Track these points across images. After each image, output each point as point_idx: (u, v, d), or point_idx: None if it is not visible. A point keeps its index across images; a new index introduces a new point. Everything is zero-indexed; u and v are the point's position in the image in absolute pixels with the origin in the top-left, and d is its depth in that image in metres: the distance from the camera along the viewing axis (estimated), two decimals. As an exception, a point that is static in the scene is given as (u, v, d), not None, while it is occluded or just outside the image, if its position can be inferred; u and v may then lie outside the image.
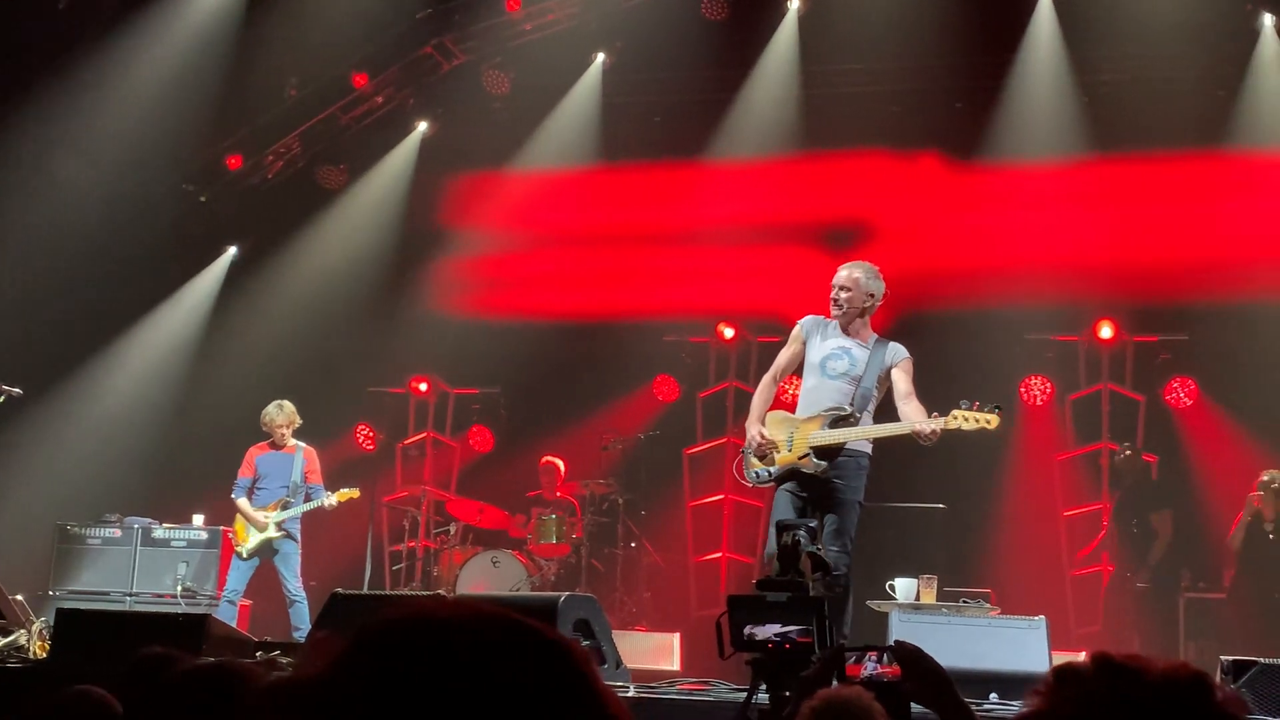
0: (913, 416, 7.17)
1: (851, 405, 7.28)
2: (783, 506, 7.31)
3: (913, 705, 3.43)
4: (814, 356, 7.44)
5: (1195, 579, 11.12)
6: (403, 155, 13.64)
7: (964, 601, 8.20)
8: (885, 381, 7.39)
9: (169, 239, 13.28)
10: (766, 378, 7.73)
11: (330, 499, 10.38)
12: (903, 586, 8.07)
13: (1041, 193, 12.21)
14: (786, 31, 12.64)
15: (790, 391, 8.51)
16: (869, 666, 3.75)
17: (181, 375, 13.26)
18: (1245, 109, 11.69)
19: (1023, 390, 12.23)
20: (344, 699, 1.11)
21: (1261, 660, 6.09)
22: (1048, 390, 12.22)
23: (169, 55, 12.28)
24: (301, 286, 13.27)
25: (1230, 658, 6.14)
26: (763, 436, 7.38)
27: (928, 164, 12.63)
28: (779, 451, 7.35)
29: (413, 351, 13.23)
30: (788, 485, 7.35)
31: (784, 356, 7.70)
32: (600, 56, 13.06)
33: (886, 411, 7.52)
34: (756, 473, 7.47)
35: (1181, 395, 11.94)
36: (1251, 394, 11.48)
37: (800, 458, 7.26)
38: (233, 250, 13.77)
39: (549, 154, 13.19)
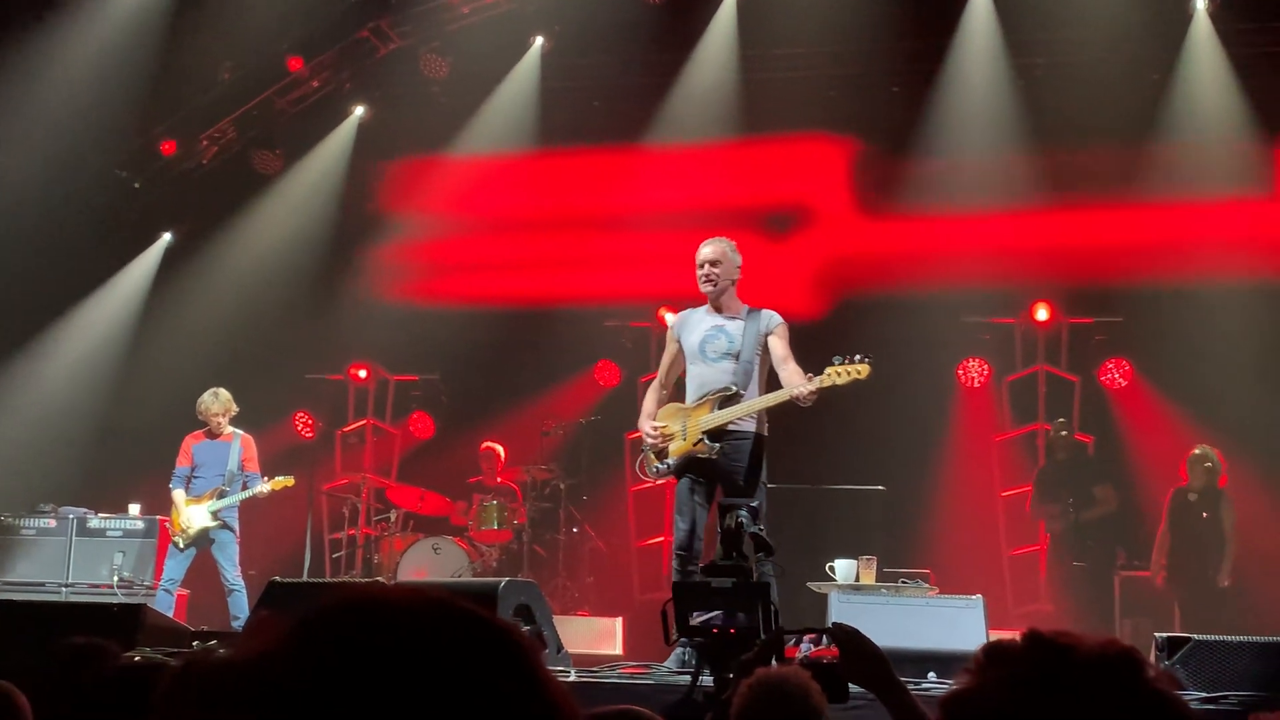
0: (792, 380, 7.18)
1: (736, 383, 7.31)
2: (685, 497, 7.35)
3: (851, 686, 3.46)
4: (690, 344, 7.50)
5: (1130, 557, 11.27)
6: (339, 140, 13.52)
7: (903, 582, 8.26)
8: (766, 351, 7.42)
9: (102, 226, 13.10)
10: (653, 384, 7.80)
11: (264, 487, 10.29)
12: (842, 568, 8.11)
13: (976, 176, 12.27)
14: (725, 15, 12.64)
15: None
16: (807, 648, 3.77)
17: (116, 363, 13.10)
18: (1178, 92, 11.83)
19: (960, 372, 12.33)
20: (284, 682, 1.09)
21: (1195, 636, 6.17)
22: (985, 372, 12.33)
23: (99, 39, 12.10)
24: (238, 273, 13.14)
25: (1164, 634, 6.21)
26: (653, 429, 7.45)
27: (865, 148, 12.67)
28: (675, 442, 7.38)
29: (351, 338, 13.14)
30: (688, 474, 7.38)
31: (665, 360, 7.77)
32: (539, 40, 12.99)
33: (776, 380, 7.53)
34: (657, 467, 7.50)
35: (1116, 376, 12.09)
36: (1185, 375, 11.63)
37: (695, 444, 7.29)
38: (167, 237, 13.61)
39: (488, 139, 13.12)
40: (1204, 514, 10.60)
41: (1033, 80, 12.12)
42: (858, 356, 7.07)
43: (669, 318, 7.80)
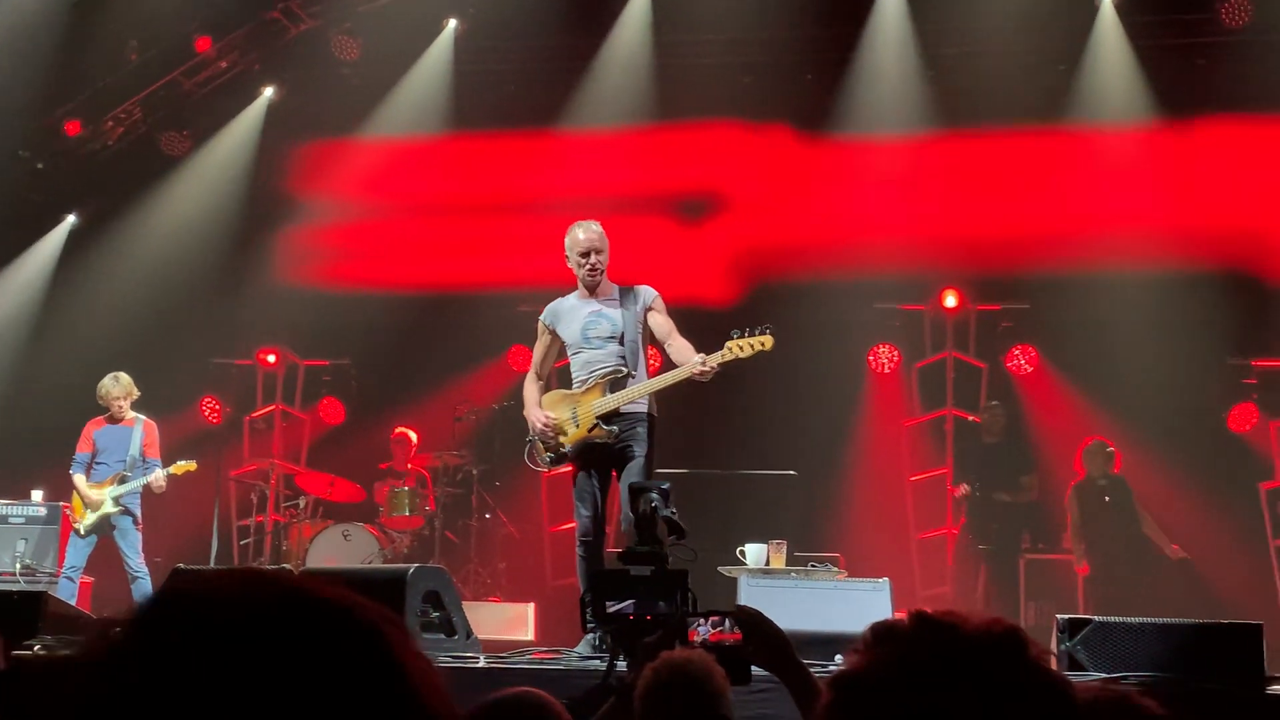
0: (684, 354, 7.11)
1: (625, 364, 7.28)
2: (584, 484, 7.31)
3: (754, 668, 3.48)
4: (571, 333, 7.40)
5: (1035, 541, 11.46)
6: (248, 121, 13.33)
7: (812, 565, 8.31)
8: (648, 327, 7.37)
9: (4, 208, 12.81)
10: (529, 375, 7.69)
11: (161, 473, 10.13)
12: (753, 552, 8.15)
13: (888, 164, 12.39)
14: (639, 1, 12.62)
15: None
16: (710, 631, 3.79)
17: (19, 347, 12.84)
18: (1084, 84, 12.01)
19: (871, 358, 12.46)
20: (113, 681, 1.06)
21: (1096, 618, 6.27)
22: (895, 358, 12.47)
23: (2, 18, 11.82)
24: (144, 256, 12.92)
25: (1066, 616, 6.31)
26: (547, 418, 7.35)
27: (778, 135, 12.73)
28: (566, 431, 7.31)
29: (260, 322, 12.97)
30: (585, 461, 7.31)
31: (538, 352, 7.66)
32: (452, 23, 12.90)
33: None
34: (549, 457, 7.42)
35: (1022, 362, 12.28)
36: (1088, 361, 11.87)
37: (590, 430, 7.23)
38: (71, 219, 13.34)
39: (400, 121, 13.01)
40: (1106, 498, 10.81)
41: (942, 69, 12.24)
42: (760, 328, 7.06)
43: (542, 315, 7.61)
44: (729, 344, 7.02)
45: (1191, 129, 12.00)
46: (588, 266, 7.36)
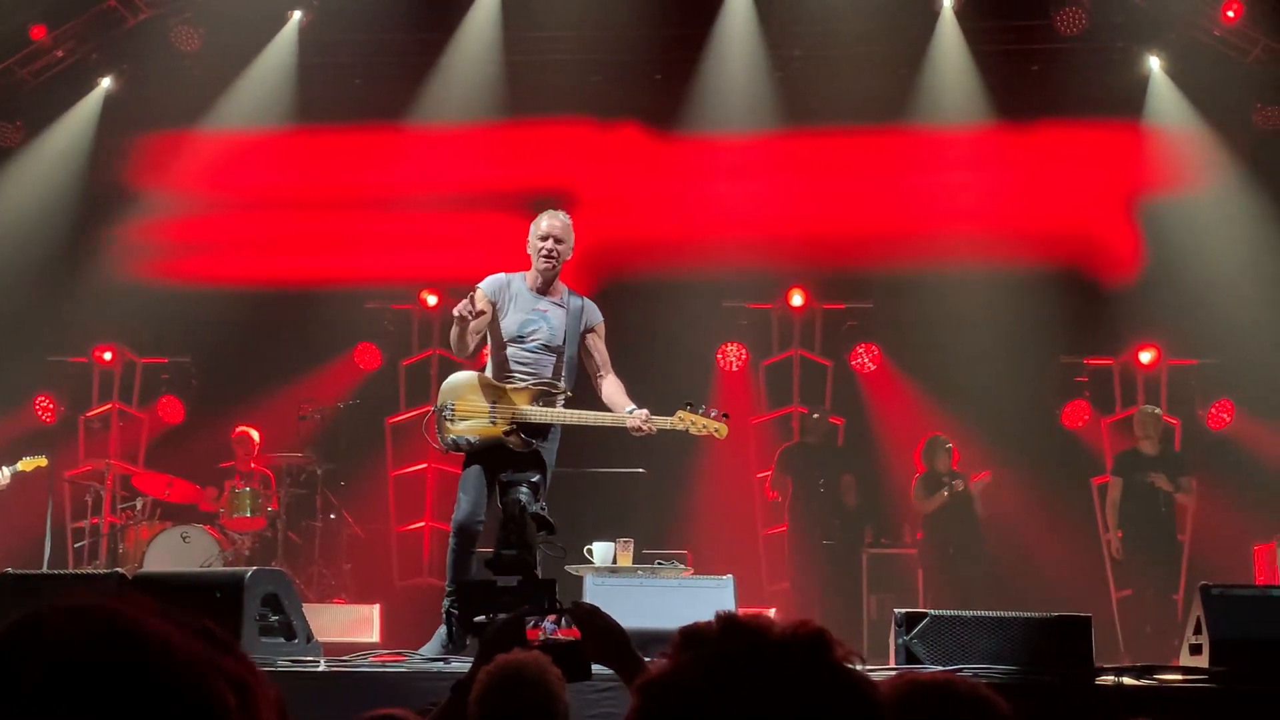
0: (615, 398, 7.14)
1: (559, 379, 7.21)
2: (475, 478, 7.18)
3: (595, 665, 3.48)
4: (510, 323, 7.22)
5: (877, 535, 11.67)
6: (85, 112, 12.91)
7: (659, 563, 8.36)
8: (584, 347, 7.36)
9: None
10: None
11: (4, 472, 9.81)
12: (600, 550, 8.17)
13: (736, 163, 12.52)
14: (488, -4, 12.56)
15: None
16: (547, 629, 3.78)
17: None
18: (925, 86, 12.27)
19: (719, 356, 12.56)
20: None
21: (932, 611, 6.40)
22: (742, 356, 12.59)
23: None
24: (-27, 250, 12.47)
25: (903, 610, 6.43)
26: (461, 401, 7.18)
27: (629, 133, 12.77)
28: (478, 420, 7.15)
29: (97, 319, 12.60)
30: (485, 458, 7.16)
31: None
32: (296, 15, 12.65)
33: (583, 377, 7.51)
34: (454, 439, 7.18)
35: (866, 360, 12.50)
36: (929, 359, 12.14)
37: (506, 433, 7.10)
38: (-103, 211, 12.81)
39: (243, 114, 12.71)
40: (945, 493, 11.06)
41: (789, 71, 12.39)
42: (716, 413, 7.07)
43: (484, 284, 7.25)
44: (680, 414, 7.03)
45: (1027, 132, 12.34)
46: (544, 251, 7.19)
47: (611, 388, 7.22)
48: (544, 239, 7.22)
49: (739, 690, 1.45)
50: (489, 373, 7.30)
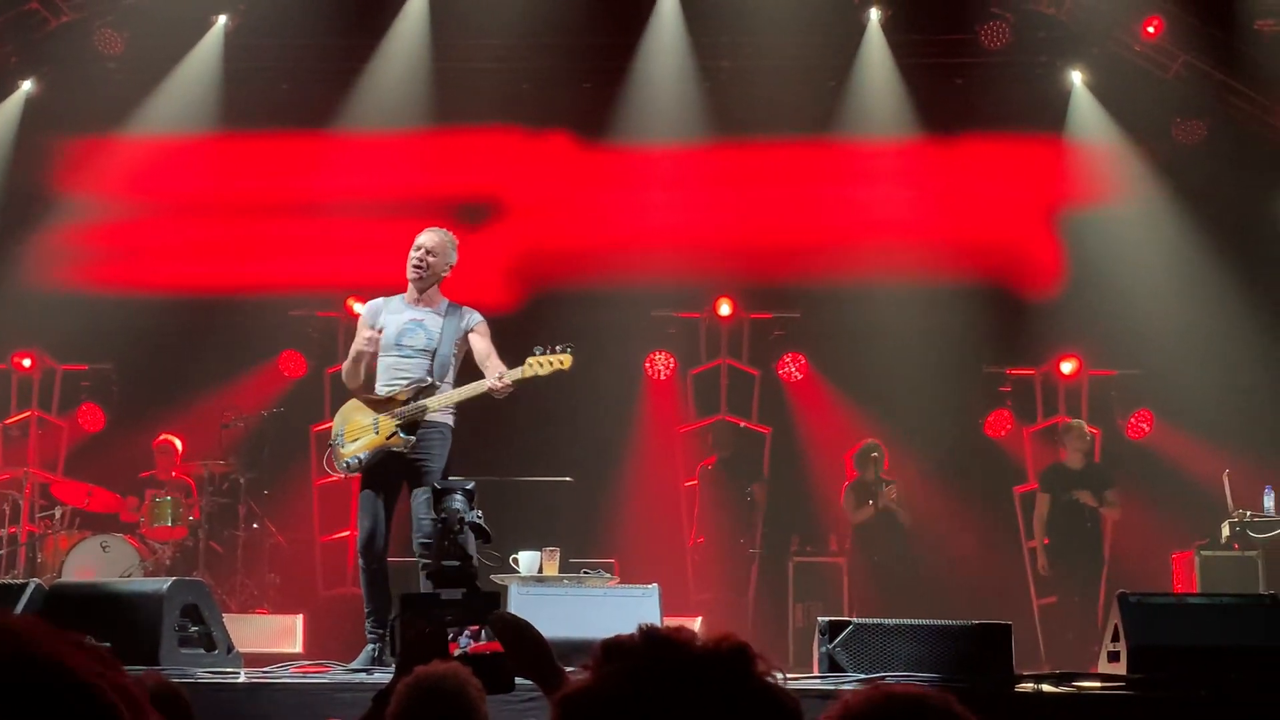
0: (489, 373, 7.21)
1: (431, 375, 7.26)
2: (370, 493, 7.25)
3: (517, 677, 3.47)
4: (388, 336, 7.37)
5: (804, 544, 11.74)
6: (5, 116, 12.68)
7: (585, 572, 8.36)
8: (463, 346, 7.39)
9: None
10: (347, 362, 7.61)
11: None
12: (526, 559, 8.16)
13: (665, 173, 12.55)
14: (417, 2, 12.49)
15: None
16: (468, 641, 3.76)
17: None
18: (852, 98, 12.37)
19: (647, 365, 12.59)
20: None
21: (855, 620, 6.45)
22: (670, 365, 12.62)
23: None
24: (-112, 255, 12.21)
25: (827, 618, 6.47)
26: (348, 424, 7.32)
27: (558, 142, 12.77)
28: (366, 436, 7.25)
29: (15, 325, 12.36)
30: (376, 469, 7.26)
31: (357, 345, 7.54)
32: (222, 19, 12.52)
33: (471, 374, 7.49)
34: (347, 462, 7.32)
35: (793, 370, 12.58)
36: (855, 369, 12.23)
37: (388, 437, 7.18)
38: None
39: (167, 119, 12.55)
40: (869, 501, 11.15)
41: (717, 81, 12.44)
42: (559, 346, 7.12)
43: (358, 307, 7.63)
44: (529, 360, 7.10)
45: (952, 145, 12.48)
46: (414, 260, 7.35)
47: (492, 368, 7.23)
48: (415, 249, 7.40)
49: (660, 704, 1.45)
50: (374, 384, 7.43)
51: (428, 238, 7.42)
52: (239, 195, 12.71)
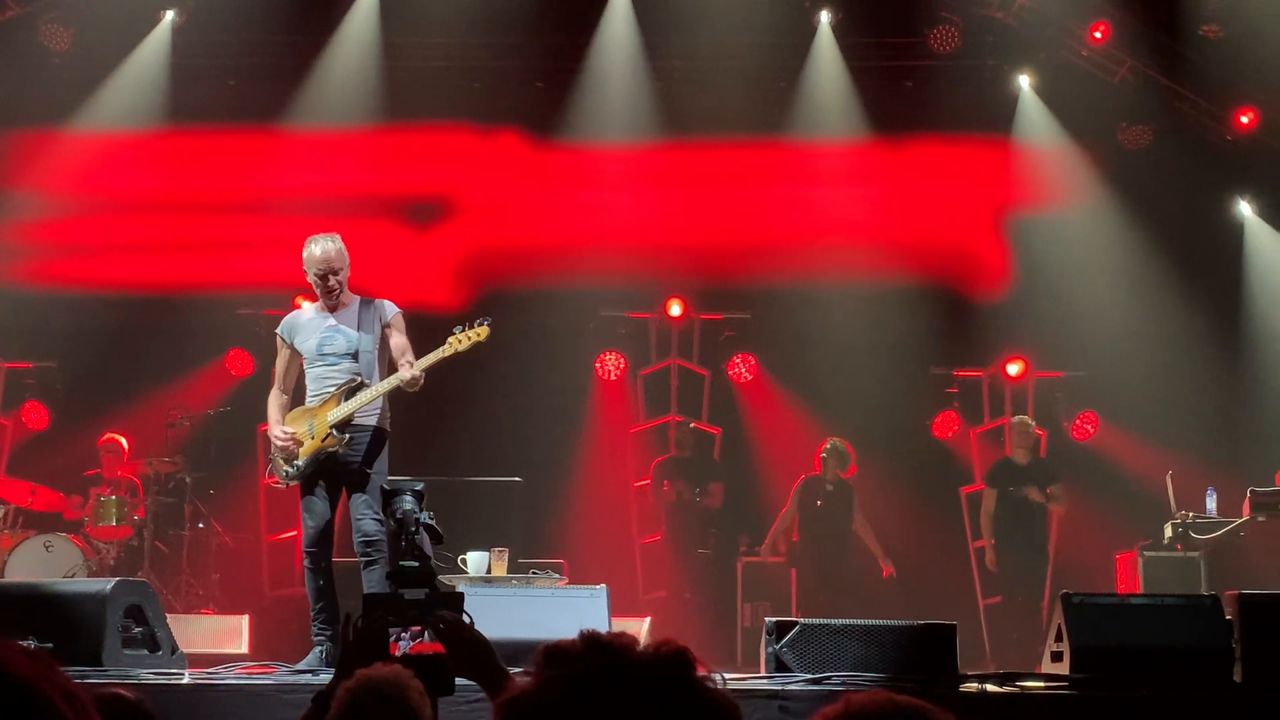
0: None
1: (360, 375, 7.24)
2: (314, 495, 7.25)
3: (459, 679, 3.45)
4: (307, 348, 7.34)
5: (753, 544, 11.77)
6: (-51, 111, 12.54)
7: (534, 573, 8.36)
8: (384, 339, 7.36)
9: None
10: (273, 391, 7.58)
11: None
12: (474, 560, 8.15)
13: (616, 173, 12.54)
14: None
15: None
16: (408, 642, 3.74)
17: None
18: (802, 100, 12.42)
19: (598, 365, 12.58)
20: None
21: (802, 620, 6.47)
22: (621, 365, 12.62)
23: None
24: None
25: (774, 619, 6.49)
26: (285, 434, 7.28)
27: (508, 141, 12.74)
28: (305, 444, 7.25)
29: (-43, 322, 12.22)
30: (315, 475, 7.26)
31: (279, 366, 7.58)
32: (169, 14, 12.39)
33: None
34: (286, 471, 7.32)
35: (743, 370, 12.62)
36: (805, 370, 12.29)
37: (324, 439, 7.18)
38: None
39: (114, 114, 12.41)
40: (818, 503, 11.18)
41: (670, 81, 12.45)
42: (478, 320, 7.11)
43: (279, 329, 7.57)
44: (449, 339, 7.08)
45: (900, 148, 12.55)
46: (326, 288, 7.27)
47: (406, 360, 7.22)
48: (323, 276, 7.25)
49: (601, 709, 1.46)
50: (305, 397, 7.42)
51: (329, 258, 7.22)
52: (186, 192, 12.59)
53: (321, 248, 7.26)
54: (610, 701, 1.47)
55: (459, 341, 7.08)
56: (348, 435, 7.17)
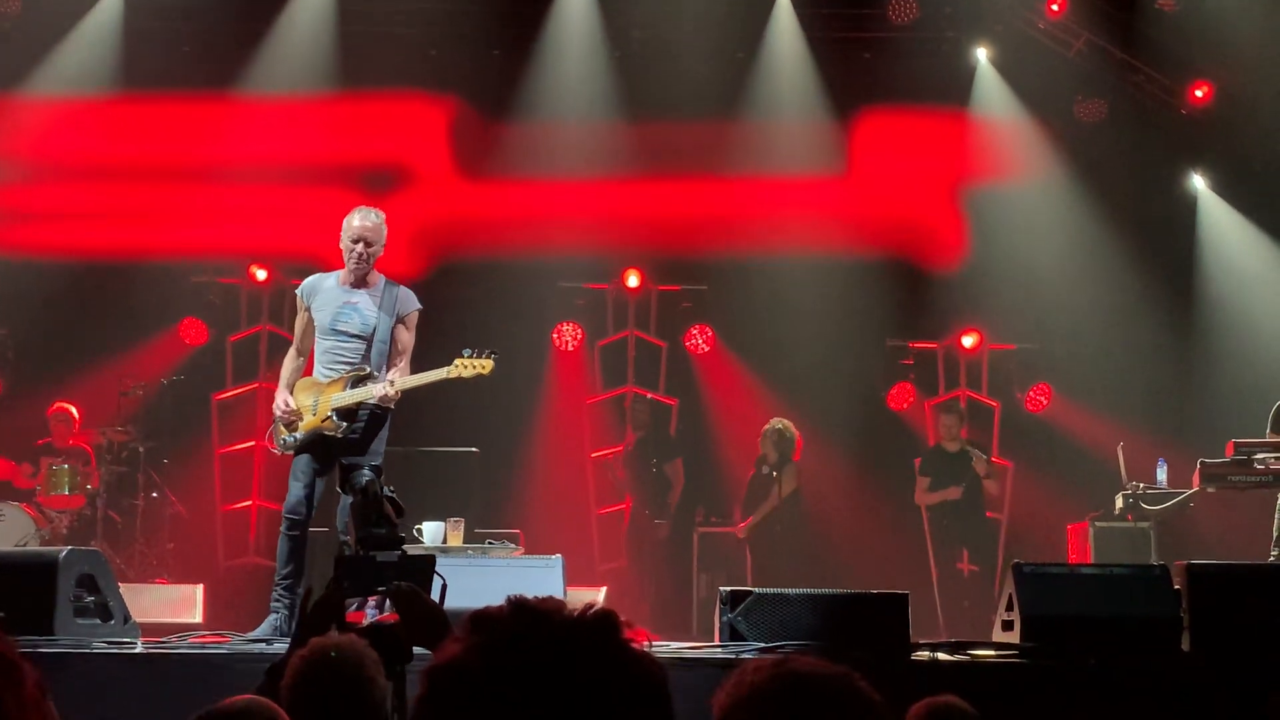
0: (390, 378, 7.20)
1: (369, 364, 7.22)
2: (304, 466, 7.24)
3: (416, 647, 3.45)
4: (321, 318, 7.30)
5: (708, 514, 11.82)
6: (-103, 76, 12.34)
7: (490, 543, 8.36)
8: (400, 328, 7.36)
9: None
10: (290, 351, 7.59)
11: None
12: (430, 530, 8.14)
13: (574, 143, 12.43)
14: (323, -36, 12.31)
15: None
16: (369, 614, 3.74)
17: None
18: (761, 72, 12.41)
19: (555, 336, 12.55)
20: None
21: (756, 590, 6.50)
22: (578, 336, 12.60)
23: None
24: None
25: (729, 588, 6.52)
26: (287, 405, 7.29)
27: (465, 110, 12.66)
28: (305, 417, 7.26)
29: (-93, 290, 12.07)
30: (312, 450, 7.25)
31: (298, 327, 7.58)
32: (124, -21, 12.25)
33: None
34: (284, 440, 7.36)
35: (700, 342, 12.62)
36: (761, 341, 12.32)
37: (323, 420, 7.19)
38: None
39: (65, 80, 12.24)
40: (769, 473, 11.23)
41: (629, 51, 12.41)
42: (486, 351, 7.11)
43: (301, 286, 7.48)
44: (457, 361, 7.16)
45: (858, 120, 12.56)
46: (355, 255, 7.20)
47: (399, 366, 7.23)
48: (355, 242, 7.22)
49: (525, 672, 1.46)
50: (315, 369, 7.39)
51: (365, 227, 7.21)
52: (139, 158, 12.45)
53: (361, 216, 7.27)
54: (534, 664, 1.47)
55: (463, 368, 7.10)
56: (347, 424, 7.17)
